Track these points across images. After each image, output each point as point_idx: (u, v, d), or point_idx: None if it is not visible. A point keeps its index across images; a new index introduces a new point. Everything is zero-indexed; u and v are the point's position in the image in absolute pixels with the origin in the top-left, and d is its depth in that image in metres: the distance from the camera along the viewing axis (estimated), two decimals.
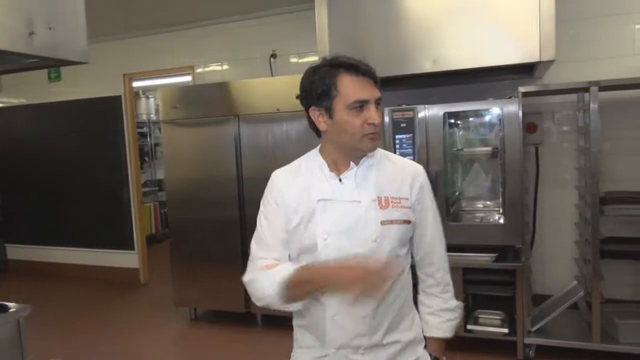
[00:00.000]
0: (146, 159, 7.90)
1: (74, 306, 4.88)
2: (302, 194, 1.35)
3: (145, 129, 7.93)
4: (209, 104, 4.05)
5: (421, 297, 1.49)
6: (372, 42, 3.01)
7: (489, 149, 3.36)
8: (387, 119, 3.26)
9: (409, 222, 1.37)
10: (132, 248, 5.52)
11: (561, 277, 3.70)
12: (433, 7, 2.89)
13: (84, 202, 5.65)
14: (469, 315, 3.34)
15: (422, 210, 1.41)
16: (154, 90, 7.91)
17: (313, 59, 4.31)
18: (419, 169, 1.43)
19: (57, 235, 5.88)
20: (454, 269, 3.13)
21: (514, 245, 3.17)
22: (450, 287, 1.48)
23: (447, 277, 1.47)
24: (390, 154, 1.46)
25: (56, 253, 5.90)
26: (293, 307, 1.32)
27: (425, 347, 1.45)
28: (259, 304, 1.33)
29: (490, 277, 3.27)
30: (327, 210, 1.33)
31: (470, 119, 3.56)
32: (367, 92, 1.28)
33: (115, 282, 5.49)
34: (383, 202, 1.33)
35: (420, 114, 3.22)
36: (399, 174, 1.39)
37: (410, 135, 3.21)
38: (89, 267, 5.72)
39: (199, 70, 4.96)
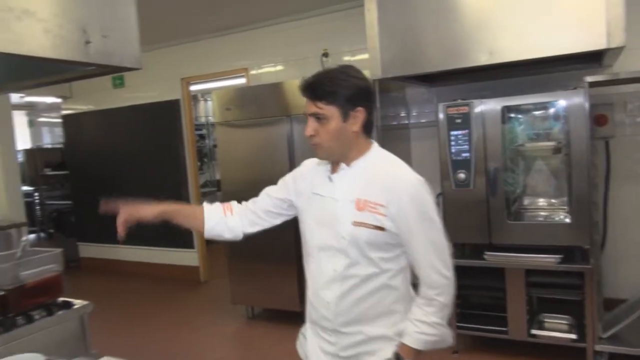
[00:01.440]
0: (205, 160, 8.13)
1: (138, 302, 5.10)
2: (308, 185, 1.56)
3: (204, 131, 8.16)
4: (262, 104, 4.09)
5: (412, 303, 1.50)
6: (423, 36, 2.91)
7: (552, 143, 3.16)
8: (441, 115, 3.15)
9: (382, 229, 1.38)
10: (192, 247, 5.69)
11: (636, 280, 3.42)
12: None
13: (147, 202, 5.88)
14: (532, 320, 3.16)
15: (406, 222, 1.38)
16: (210, 93, 8.13)
17: (366, 56, 4.25)
18: (412, 182, 1.40)
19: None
20: (515, 271, 3.01)
21: (581, 245, 2.97)
22: (437, 303, 1.40)
23: (432, 293, 1.41)
24: (395, 161, 1.48)
25: (124, 251, 6.20)
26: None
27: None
28: None
29: (556, 279, 3.08)
30: (314, 203, 1.52)
31: (531, 112, 3.37)
32: (307, 107, 1.44)
33: (176, 280, 5.69)
34: (361, 204, 1.41)
35: (477, 109, 3.09)
36: (386, 181, 1.41)
37: (466, 131, 3.08)
38: (152, 264, 5.97)
39: (253, 71, 5.03)
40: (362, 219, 1.40)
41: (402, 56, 2.99)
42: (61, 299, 2.16)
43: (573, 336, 3.01)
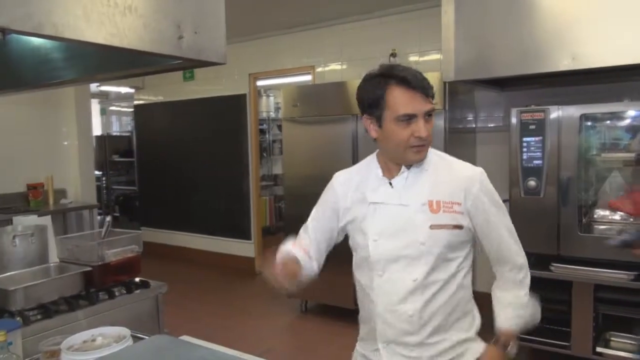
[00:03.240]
0: (264, 154, 8.29)
1: (195, 288, 5.29)
2: (357, 195, 1.45)
3: (264, 126, 8.32)
4: (327, 102, 4.14)
5: (495, 292, 1.51)
6: (501, 39, 2.86)
7: (632, 155, 3.02)
8: (514, 120, 3.08)
9: (460, 227, 1.38)
10: (249, 238, 5.85)
11: None
12: (570, 0, 2.66)
13: (209, 192, 6.11)
14: (598, 337, 3.04)
15: (483, 213, 1.39)
16: (274, 89, 8.27)
17: (435, 57, 4.22)
18: (477, 172, 1.42)
19: (185, 221, 6.43)
20: (583, 285, 2.91)
21: None
22: (527, 283, 1.47)
23: (520, 275, 1.46)
24: (448, 157, 1.47)
25: (183, 238, 6.46)
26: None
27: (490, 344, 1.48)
28: None
29: (627, 297, 2.94)
30: (378, 213, 1.40)
31: (609, 121, 3.23)
32: (415, 107, 1.30)
33: (233, 269, 5.86)
34: (434, 206, 1.36)
35: (552, 115, 3.00)
36: (454, 178, 1.40)
37: (540, 138, 2.99)
38: (210, 253, 6.19)
39: (319, 69, 5.10)
40: (439, 221, 1.36)
41: (477, 59, 2.94)
42: (139, 278, 2.30)
43: None
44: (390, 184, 1.41)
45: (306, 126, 4.26)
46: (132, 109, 7.30)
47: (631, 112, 3.04)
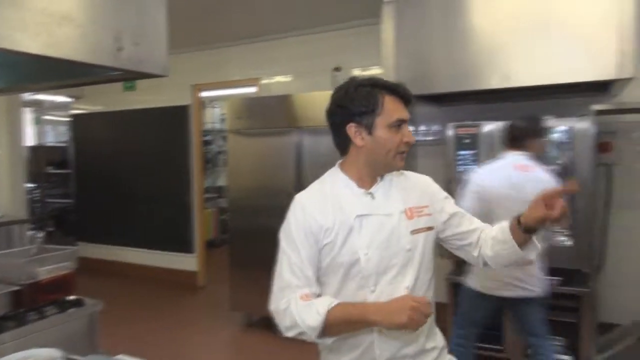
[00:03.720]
0: (208, 166, 8.17)
1: (134, 304, 5.11)
2: (337, 212, 1.38)
3: (209, 137, 8.22)
4: (272, 115, 4.17)
5: (485, 246, 1.47)
6: (438, 57, 3.00)
7: (557, 168, 3.23)
8: (450, 134, 3.22)
9: (432, 228, 1.46)
10: (192, 251, 5.73)
11: (632, 306, 3.48)
12: (502, 23, 2.84)
13: (151, 205, 5.94)
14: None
15: (443, 210, 1.49)
16: (219, 100, 8.21)
17: (376, 72, 4.34)
18: (428, 177, 1.55)
19: (125, 235, 6.21)
20: None
21: (580, 269, 3.03)
22: None
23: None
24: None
25: (123, 252, 6.23)
26: (326, 340, 1.33)
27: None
28: (288, 334, 1.35)
29: (554, 301, 3.12)
30: (364, 226, 1.38)
31: None
32: (404, 113, 1.38)
33: (175, 284, 5.71)
34: (409, 213, 1.42)
35: (485, 130, 3.17)
36: (415, 184, 1.49)
37: (474, 151, 3.15)
38: (152, 267, 6.00)
39: (265, 81, 5.11)
40: (415, 226, 1.42)
41: (416, 76, 3.07)
42: (73, 296, 2.21)
43: (568, 358, 3.06)
44: (371, 194, 1.42)
45: (251, 138, 4.25)
46: (69, 119, 6.99)
47: (557, 128, 3.26)
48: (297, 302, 1.33)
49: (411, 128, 1.39)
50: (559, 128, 3.24)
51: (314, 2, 4.02)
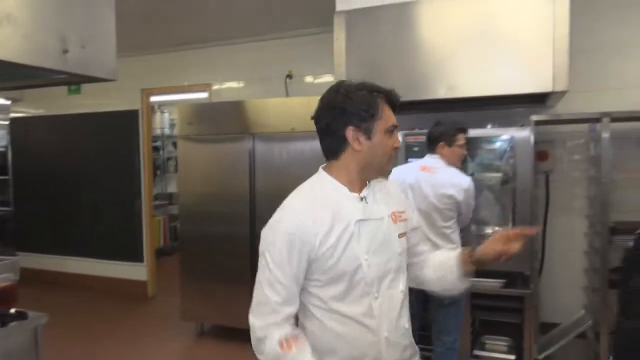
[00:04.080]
0: (158, 172, 7.99)
1: (81, 317, 4.91)
2: (335, 218, 1.33)
3: (158, 143, 8.04)
4: (224, 121, 4.14)
5: (428, 268, 1.54)
6: (388, 67, 3.08)
7: (499, 175, 3.39)
8: (400, 141, 3.31)
9: (406, 234, 1.48)
10: (142, 260, 5.57)
11: (569, 306, 3.69)
12: (449, 37, 2.96)
13: (98, 213, 5.73)
14: (475, 341, 3.33)
15: (412, 219, 1.54)
16: (169, 105, 8.04)
17: (328, 80, 4.40)
18: (395, 182, 1.57)
19: (70, 244, 5.95)
20: (462, 293, 3.16)
21: (522, 272, 3.18)
22: None
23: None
24: None
25: (68, 263, 5.97)
26: None
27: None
28: (259, 357, 1.34)
29: (499, 303, 3.27)
30: (362, 231, 1.35)
31: (482, 145, 3.59)
32: (395, 119, 1.40)
33: (123, 294, 5.52)
34: (394, 217, 1.43)
35: None
36: (392, 190, 1.51)
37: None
38: (99, 277, 5.78)
39: (216, 87, 5.07)
40: (400, 230, 1.43)
41: None
42: (14, 309, 2.10)
43: (512, 357, 3.20)
44: (364, 199, 1.39)
45: (202, 144, 4.20)
46: (7, 122, 6.64)
47: (500, 137, 3.42)
48: (275, 346, 1.28)
49: None
50: (501, 137, 3.40)
51: (267, 10, 4.04)
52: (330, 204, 1.35)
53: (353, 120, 1.34)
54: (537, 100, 3.25)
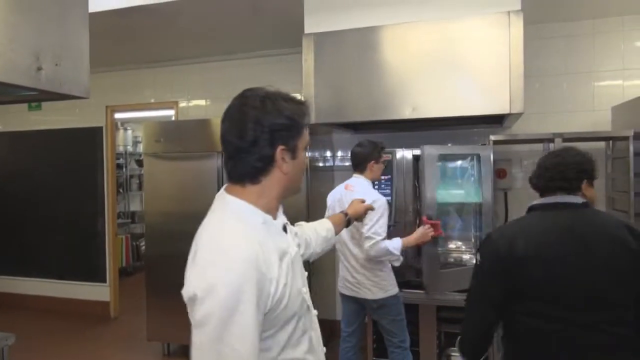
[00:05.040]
0: (120, 190, 7.84)
1: (43, 341, 4.70)
2: (279, 253, 1.14)
3: (121, 161, 7.91)
4: (191, 139, 4.14)
5: (316, 244, 1.72)
6: (355, 88, 3.19)
7: (462, 192, 3.54)
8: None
9: None
10: (104, 280, 5.42)
11: None
12: (412, 60, 3.10)
13: (58, 232, 5.56)
14: (441, 354, 3.42)
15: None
16: (132, 122, 7.94)
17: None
18: None
19: (28, 265, 5.73)
20: (427, 307, 3.26)
21: None
22: None
23: None
24: None
25: (26, 284, 5.74)
26: None
27: None
28: None
29: (463, 315, 3.37)
30: (296, 268, 1.21)
31: (444, 162, 3.74)
32: (307, 139, 1.26)
33: (84, 315, 5.35)
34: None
35: (398, 156, 3.40)
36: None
37: (389, 176, 3.36)
38: (60, 299, 5.58)
39: (183, 104, 5.07)
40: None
41: (335, 105, 3.24)
42: None
43: None
44: (285, 227, 1.25)
45: (169, 162, 4.19)
46: None
47: (463, 155, 3.57)
48: None
49: (328, 153, 1.49)
50: (467, 155, 3.56)
51: (236, 31, 4.10)
52: (269, 239, 1.14)
53: (283, 138, 1.16)
54: (495, 121, 3.43)
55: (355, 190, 2.90)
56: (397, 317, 3.01)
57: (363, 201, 2.12)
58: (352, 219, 1.99)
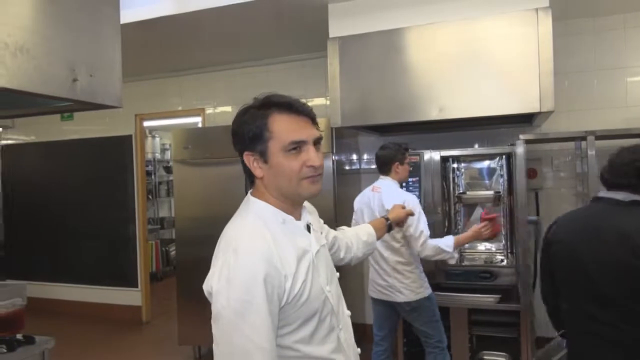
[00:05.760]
0: (149, 197, 7.99)
1: (78, 344, 4.81)
2: (298, 252, 1.18)
3: (150, 168, 8.06)
4: (218, 145, 4.18)
5: (357, 249, 1.74)
6: (381, 90, 3.19)
7: (491, 193, 3.49)
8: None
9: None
10: (136, 286, 5.53)
11: None
12: (438, 60, 3.07)
13: (91, 239, 5.69)
14: (473, 357, 3.37)
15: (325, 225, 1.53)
16: (160, 130, 8.09)
17: (322, 103, 4.50)
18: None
19: (63, 271, 5.89)
20: (459, 310, 3.22)
21: (517, 286, 3.25)
22: None
23: None
24: None
25: (61, 290, 5.90)
26: None
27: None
28: None
29: (495, 318, 3.33)
30: (319, 261, 1.24)
31: (473, 163, 3.70)
32: (304, 133, 1.19)
33: (117, 320, 5.46)
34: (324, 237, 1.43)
35: (426, 158, 3.38)
36: (310, 209, 1.40)
37: (417, 178, 3.35)
38: (93, 304, 5.71)
39: (209, 111, 5.14)
40: (329, 247, 1.45)
41: (360, 108, 3.24)
42: (21, 334, 2.11)
43: None
44: (309, 226, 1.27)
45: (198, 168, 4.25)
46: None
47: (492, 155, 3.52)
48: None
49: (354, 156, 1.48)
50: (496, 155, 3.51)
51: (261, 37, 4.14)
52: (286, 238, 1.18)
53: (246, 146, 1.20)
54: (524, 120, 3.37)
55: (383, 191, 2.89)
56: (432, 319, 2.97)
57: (403, 207, 2.13)
58: (393, 224, 2.01)
